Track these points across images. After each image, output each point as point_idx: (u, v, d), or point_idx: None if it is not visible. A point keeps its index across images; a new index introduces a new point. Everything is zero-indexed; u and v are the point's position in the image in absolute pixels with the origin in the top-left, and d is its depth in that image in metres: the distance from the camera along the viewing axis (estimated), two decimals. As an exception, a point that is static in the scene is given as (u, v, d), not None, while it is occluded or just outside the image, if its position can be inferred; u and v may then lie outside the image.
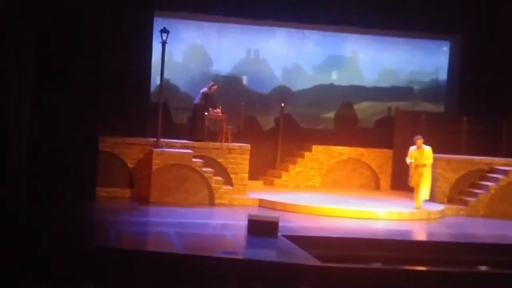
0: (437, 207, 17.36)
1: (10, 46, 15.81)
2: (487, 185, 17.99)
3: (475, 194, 17.95)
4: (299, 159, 20.43)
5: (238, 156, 17.53)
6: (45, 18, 16.12)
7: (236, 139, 18.58)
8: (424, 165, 16.54)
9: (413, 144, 16.75)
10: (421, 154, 16.55)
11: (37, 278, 9.59)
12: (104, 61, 17.08)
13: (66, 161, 15.85)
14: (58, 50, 16.28)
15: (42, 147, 15.84)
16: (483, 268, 12.60)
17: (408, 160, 16.69)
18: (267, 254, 11.83)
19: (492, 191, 17.81)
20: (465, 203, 17.89)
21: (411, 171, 16.70)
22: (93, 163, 16.27)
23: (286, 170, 20.33)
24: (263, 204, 16.89)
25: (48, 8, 16.08)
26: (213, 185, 16.78)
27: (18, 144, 15.66)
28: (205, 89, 18.17)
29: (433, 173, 18.05)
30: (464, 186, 18.36)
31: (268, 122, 21.30)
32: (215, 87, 18.27)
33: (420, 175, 16.54)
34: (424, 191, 16.58)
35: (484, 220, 17.14)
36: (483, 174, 18.44)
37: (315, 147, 20.43)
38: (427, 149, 16.63)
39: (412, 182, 16.75)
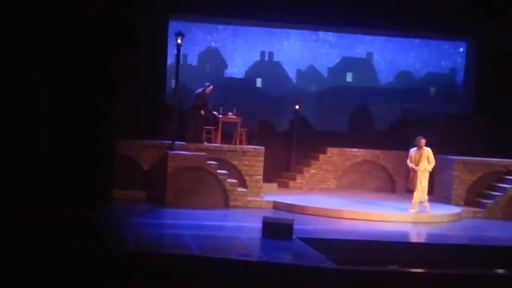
0: (454, 210, 17.24)
1: (26, 51, 15.92)
2: (504, 187, 17.85)
3: (493, 196, 17.82)
4: (313, 161, 20.39)
5: (252, 158, 17.51)
6: (60, 23, 16.21)
7: (250, 141, 18.57)
8: (423, 170, 16.29)
9: (414, 145, 16.55)
10: (420, 155, 16.37)
11: (54, 280, 9.61)
12: (120, 65, 17.15)
13: (83, 164, 15.92)
14: (73, 54, 16.36)
15: (60, 151, 15.91)
16: (500, 271, 12.48)
17: (409, 164, 16.49)
18: (282, 257, 11.80)
19: (510, 193, 17.67)
20: (482, 205, 17.77)
21: (411, 174, 16.55)
22: (109, 166, 16.32)
23: (301, 172, 20.29)
24: (277, 206, 16.86)
25: (63, 13, 16.18)
26: (227, 187, 16.77)
27: (36, 148, 15.75)
28: (199, 90, 18.09)
29: (449, 175, 17.99)
30: (481, 188, 18.22)
31: (282, 124, 21.28)
32: (210, 87, 18.06)
33: (416, 177, 16.33)
34: (420, 195, 16.34)
35: (502, 222, 17.02)
36: (501, 176, 18.31)
37: (330, 149, 20.38)
38: (426, 150, 16.43)
39: (411, 185, 16.60)
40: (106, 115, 16.66)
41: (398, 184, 20.54)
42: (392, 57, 22.34)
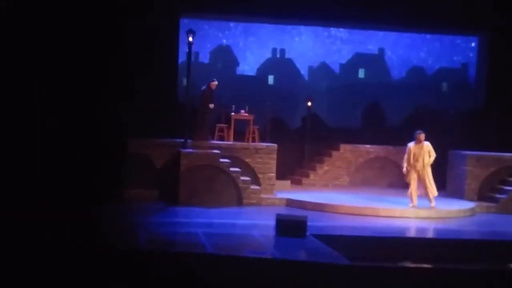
0: (467, 205, 17.18)
1: (37, 51, 15.98)
2: (517, 182, 17.79)
3: (506, 191, 17.75)
4: (326, 158, 20.36)
5: (265, 156, 17.51)
6: (70, 22, 16.27)
7: (263, 139, 18.57)
8: (426, 164, 16.19)
9: (413, 139, 16.46)
10: (420, 149, 16.30)
11: (66, 279, 9.65)
12: (131, 63, 17.19)
13: (95, 163, 15.98)
14: (84, 53, 16.41)
15: (71, 150, 15.97)
16: (514, 266, 12.44)
17: (404, 166, 16.40)
18: (296, 254, 11.80)
19: (523, 188, 17.60)
20: (496, 200, 17.70)
21: (407, 167, 16.39)
22: (121, 165, 16.37)
23: (314, 169, 20.27)
24: (291, 203, 16.86)
25: (73, 12, 16.25)
26: (240, 185, 16.78)
27: (47, 147, 15.82)
28: (204, 87, 17.71)
29: (462, 170, 17.92)
30: (494, 183, 18.16)
31: (295, 121, 21.27)
32: (215, 83, 17.56)
33: (422, 174, 16.23)
34: (433, 190, 16.30)
35: (515, 217, 16.94)
36: (514, 171, 18.23)
37: (342, 146, 20.34)
38: (426, 144, 16.35)
39: (408, 178, 16.48)
40: (117, 114, 16.71)
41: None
42: (404, 52, 22.31)
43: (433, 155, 16.29)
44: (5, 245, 10.63)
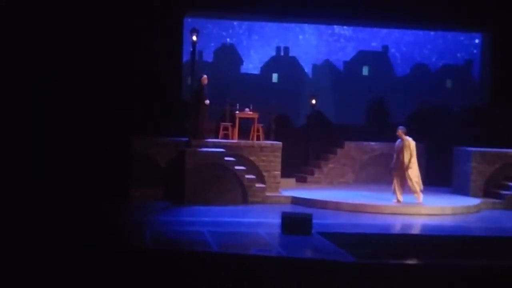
0: (473, 201, 17.18)
1: (39, 50, 16.03)
2: (523, 178, 17.78)
3: (511, 187, 17.73)
4: (331, 156, 20.37)
5: (270, 154, 17.52)
6: (75, 20, 16.31)
7: (267, 137, 18.59)
8: (408, 166, 16.17)
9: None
10: (402, 147, 16.26)
11: (72, 280, 9.69)
12: (136, 62, 17.22)
13: (100, 163, 16.02)
14: (88, 52, 16.44)
15: (76, 149, 16.01)
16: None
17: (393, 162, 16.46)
18: (301, 252, 11.82)
19: (529, 184, 17.59)
20: (501, 196, 17.69)
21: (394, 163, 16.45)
22: (126, 164, 16.40)
23: (319, 167, 20.28)
24: (296, 201, 16.87)
25: (78, 10, 16.28)
26: (245, 183, 16.80)
27: (51, 147, 15.86)
28: (194, 85, 17.43)
29: (467, 167, 17.92)
30: (499, 179, 18.15)
31: (299, 119, 21.29)
32: (204, 77, 17.50)
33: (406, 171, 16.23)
34: (415, 185, 16.27)
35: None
36: (519, 167, 18.22)
37: (347, 143, 20.34)
38: (406, 140, 16.30)
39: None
40: (122, 113, 16.74)
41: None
42: (408, 49, 22.34)
43: (413, 154, 16.16)
44: (9, 245, 10.67)
